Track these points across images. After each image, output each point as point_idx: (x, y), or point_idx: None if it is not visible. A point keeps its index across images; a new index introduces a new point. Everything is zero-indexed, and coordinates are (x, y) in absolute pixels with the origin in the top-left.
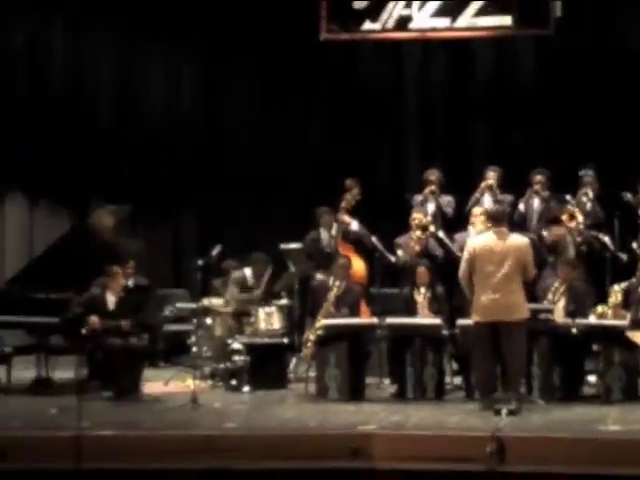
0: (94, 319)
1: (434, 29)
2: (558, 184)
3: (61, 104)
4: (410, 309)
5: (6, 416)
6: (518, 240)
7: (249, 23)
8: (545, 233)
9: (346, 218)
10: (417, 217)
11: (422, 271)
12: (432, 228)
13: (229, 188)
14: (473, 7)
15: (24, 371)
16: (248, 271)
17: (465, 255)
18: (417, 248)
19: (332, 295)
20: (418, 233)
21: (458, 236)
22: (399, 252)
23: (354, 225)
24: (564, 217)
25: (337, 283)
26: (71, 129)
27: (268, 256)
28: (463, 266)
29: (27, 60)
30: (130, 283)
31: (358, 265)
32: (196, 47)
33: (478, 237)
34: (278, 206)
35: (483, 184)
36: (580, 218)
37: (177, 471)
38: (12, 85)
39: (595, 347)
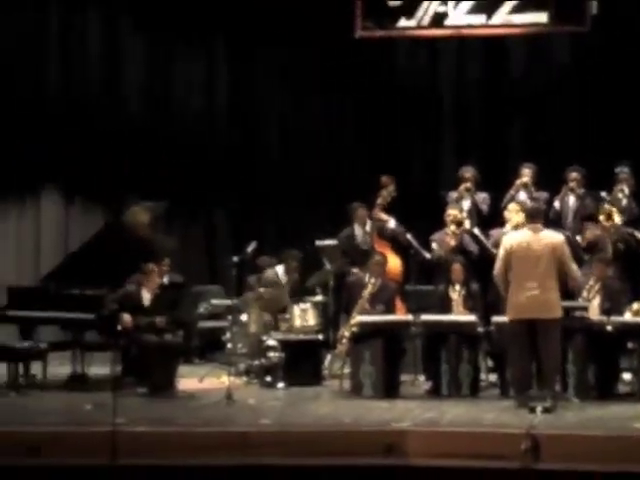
0: (127, 317)
1: (469, 26)
2: (594, 181)
3: (96, 102)
4: (445, 306)
5: (41, 412)
6: (554, 237)
7: (282, 21)
8: (579, 238)
9: (383, 216)
10: (452, 213)
11: (457, 268)
12: (467, 224)
13: (264, 184)
14: (509, 4)
15: (59, 367)
16: (280, 269)
17: (501, 252)
18: (452, 243)
19: (367, 292)
20: (453, 228)
21: (494, 232)
22: (434, 245)
23: (392, 223)
24: (601, 217)
25: (372, 280)
26: (106, 127)
27: (300, 252)
28: (498, 263)
29: (60, 58)
30: (165, 280)
31: (394, 262)
32: (229, 47)
33: (514, 234)
34: (313, 203)
35: (518, 181)
36: (617, 218)
37: (212, 467)
38: (46, 83)
39: (630, 345)
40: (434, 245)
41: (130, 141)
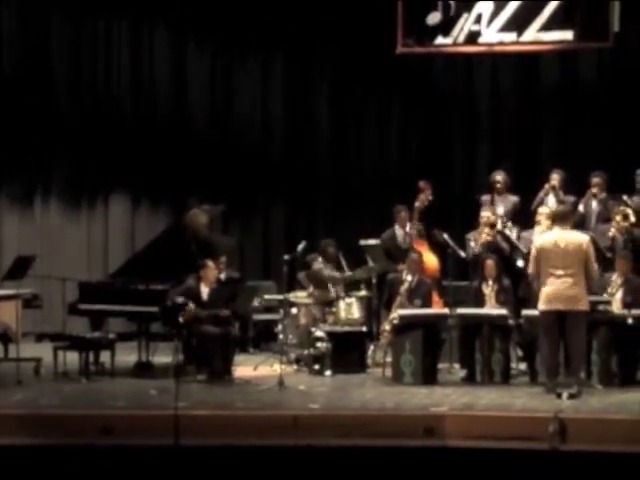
0: (191, 306)
1: (501, 43)
2: (620, 185)
3: (163, 114)
4: (479, 300)
5: (111, 396)
6: (580, 237)
7: (332, 40)
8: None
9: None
10: (485, 215)
11: (490, 265)
12: (499, 226)
13: (314, 190)
14: (537, 23)
15: (126, 356)
16: (320, 260)
17: (533, 251)
18: (485, 241)
19: (404, 288)
20: (487, 230)
21: (524, 234)
22: (470, 243)
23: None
24: (617, 217)
25: (409, 277)
26: (171, 137)
27: (335, 241)
28: (532, 261)
29: (130, 73)
30: (222, 276)
31: (432, 260)
32: (284, 64)
33: (545, 235)
34: (359, 206)
35: (547, 185)
36: (633, 218)
37: (265, 447)
38: (116, 97)
39: None
40: (470, 242)
41: (192, 150)
